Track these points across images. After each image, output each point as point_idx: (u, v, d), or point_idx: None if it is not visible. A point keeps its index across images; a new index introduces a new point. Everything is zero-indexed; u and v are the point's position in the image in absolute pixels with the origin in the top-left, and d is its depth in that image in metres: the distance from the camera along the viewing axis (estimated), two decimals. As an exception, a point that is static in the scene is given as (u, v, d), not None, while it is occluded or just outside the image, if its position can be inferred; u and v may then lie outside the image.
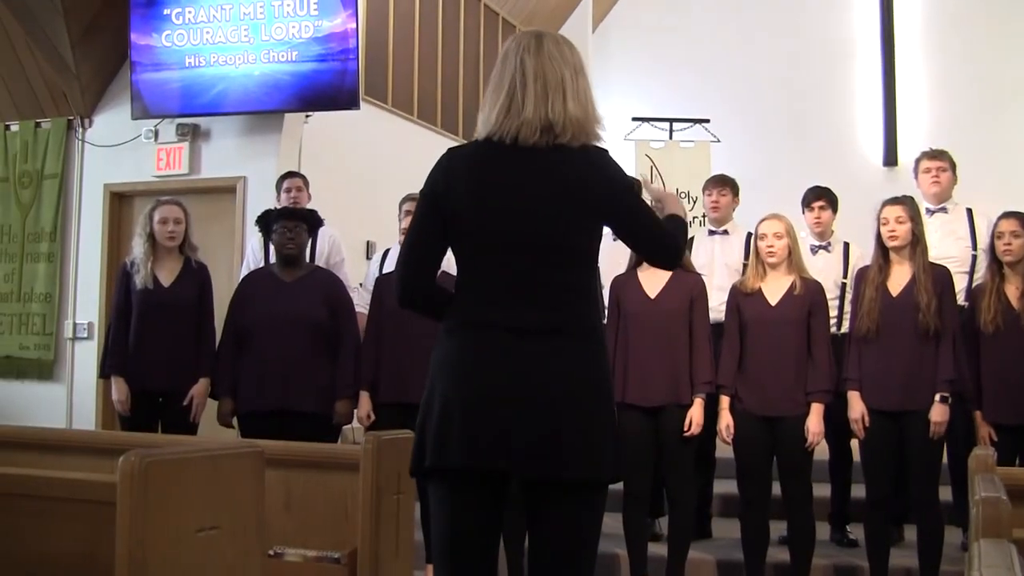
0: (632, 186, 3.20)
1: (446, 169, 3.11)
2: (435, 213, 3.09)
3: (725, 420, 5.61)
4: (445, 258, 3.19)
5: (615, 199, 3.08)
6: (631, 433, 5.47)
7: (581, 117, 3.05)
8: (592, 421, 2.97)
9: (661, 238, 3.18)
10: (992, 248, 5.75)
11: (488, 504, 3.04)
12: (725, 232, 6.88)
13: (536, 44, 3.11)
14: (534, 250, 3.00)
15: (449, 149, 3.20)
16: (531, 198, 3.00)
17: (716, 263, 6.78)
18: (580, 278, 3.08)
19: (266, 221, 6.24)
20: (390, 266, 6.74)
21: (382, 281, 6.21)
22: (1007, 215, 5.76)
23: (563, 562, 3.01)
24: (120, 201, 9.40)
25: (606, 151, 3.11)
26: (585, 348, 3.02)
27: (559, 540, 3.01)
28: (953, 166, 6.60)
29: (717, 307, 6.07)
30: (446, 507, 3.05)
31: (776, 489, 5.67)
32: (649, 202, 3.33)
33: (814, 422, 5.46)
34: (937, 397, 5.37)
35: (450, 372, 3.01)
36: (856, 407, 5.53)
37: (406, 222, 6.16)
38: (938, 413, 5.36)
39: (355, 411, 6.07)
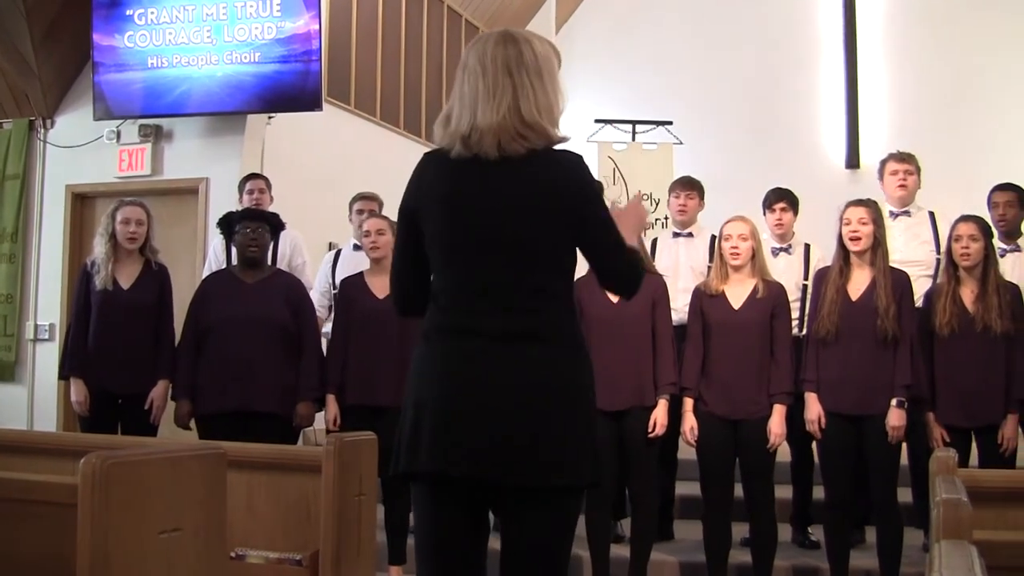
0: (603, 198, 3.13)
1: (419, 175, 3.10)
2: (412, 224, 3.07)
3: (689, 423, 5.62)
4: None
5: (583, 206, 3.01)
6: (596, 437, 5.46)
7: (496, 124, 2.93)
8: (567, 427, 2.92)
9: (625, 264, 3.12)
10: (949, 251, 5.76)
11: (468, 508, 3.00)
12: (690, 235, 6.91)
13: (469, 53, 3.07)
14: (503, 252, 2.96)
15: (425, 155, 3.16)
16: (499, 200, 2.96)
17: (681, 265, 6.81)
18: (552, 283, 3.02)
19: (228, 223, 6.22)
20: (343, 269, 6.79)
21: (348, 283, 6.21)
22: (965, 219, 5.76)
23: (536, 567, 2.97)
24: (82, 202, 9.36)
25: (580, 157, 3.05)
26: (561, 353, 2.98)
27: (532, 545, 2.96)
28: (919, 170, 6.62)
29: (682, 309, 6.08)
30: (426, 511, 3.03)
31: (738, 491, 5.69)
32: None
33: (776, 423, 5.49)
34: (894, 402, 5.39)
35: (422, 377, 2.99)
36: (812, 408, 5.55)
37: (364, 224, 6.24)
38: (895, 418, 5.38)
39: (319, 414, 6.06)
